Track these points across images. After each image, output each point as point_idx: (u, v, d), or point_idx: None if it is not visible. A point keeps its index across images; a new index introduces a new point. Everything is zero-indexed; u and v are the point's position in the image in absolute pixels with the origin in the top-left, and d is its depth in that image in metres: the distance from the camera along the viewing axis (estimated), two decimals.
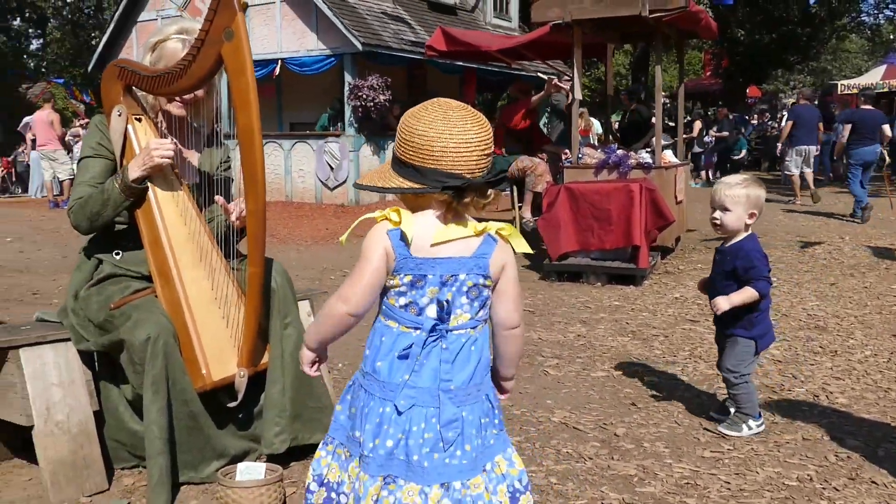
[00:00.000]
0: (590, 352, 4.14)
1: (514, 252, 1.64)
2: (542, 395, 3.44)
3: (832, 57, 35.24)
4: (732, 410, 3.00)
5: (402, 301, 1.60)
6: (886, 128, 9.72)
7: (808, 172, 11.52)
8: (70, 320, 2.56)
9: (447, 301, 1.58)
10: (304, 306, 3.09)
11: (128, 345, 2.41)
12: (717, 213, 2.90)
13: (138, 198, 2.56)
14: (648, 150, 7.12)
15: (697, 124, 16.47)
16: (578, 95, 7.08)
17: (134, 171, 2.50)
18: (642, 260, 5.95)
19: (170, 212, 2.59)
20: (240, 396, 2.54)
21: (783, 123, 12.24)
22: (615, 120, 17.66)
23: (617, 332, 4.54)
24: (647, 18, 6.37)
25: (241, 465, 2.38)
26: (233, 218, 2.61)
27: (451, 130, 1.55)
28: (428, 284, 1.58)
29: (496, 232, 1.62)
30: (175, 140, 2.68)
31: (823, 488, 2.49)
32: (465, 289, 1.59)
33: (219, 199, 2.63)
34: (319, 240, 9.39)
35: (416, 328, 1.59)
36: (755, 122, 21.61)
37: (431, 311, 1.59)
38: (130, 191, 2.51)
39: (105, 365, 2.60)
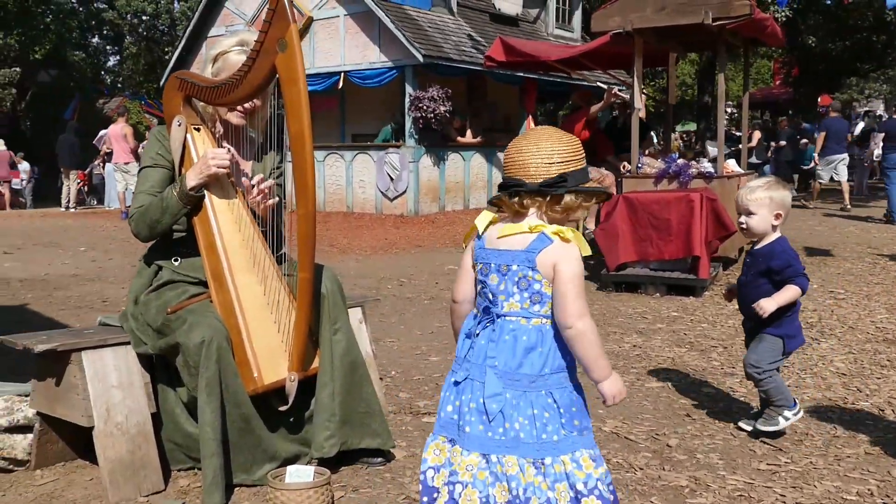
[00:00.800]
0: (645, 362, 4.07)
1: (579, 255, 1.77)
2: (595, 404, 3.34)
3: None
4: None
5: (479, 287, 1.88)
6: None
7: (843, 182, 12.45)
8: (130, 324, 2.65)
9: (497, 287, 1.81)
10: (355, 313, 3.13)
11: (183, 348, 2.48)
12: (743, 218, 2.95)
13: (195, 205, 2.64)
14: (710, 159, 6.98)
15: (756, 134, 16.10)
16: (639, 105, 7.00)
17: (191, 179, 2.59)
18: (702, 270, 5.83)
19: (225, 218, 2.66)
20: (290, 400, 2.59)
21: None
22: (681, 130, 17.31)
23: (674, 343, 4.45)
24: (711, 26, 6.26)
25: (290, 468, 2.42)
26: (253, 193, 2.66)
27: (519, 143, 1.83)
28: (491, 272, 1.82)
29: (553, 233, 1.77)
30: (231, 148, 2.76)
31: (884, 503, 2.39)
32: (515, 279, 1.78)
33: (244, 180, 2.69)
34: (378, 250, 9.50)
35: (479, 309, 1.85)
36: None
37: (490, 296, 1.83)
38: (188, 198, 2.60)
39: (162, 368, 2.69)
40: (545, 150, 1.79)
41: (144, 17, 27.20)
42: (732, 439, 2.96)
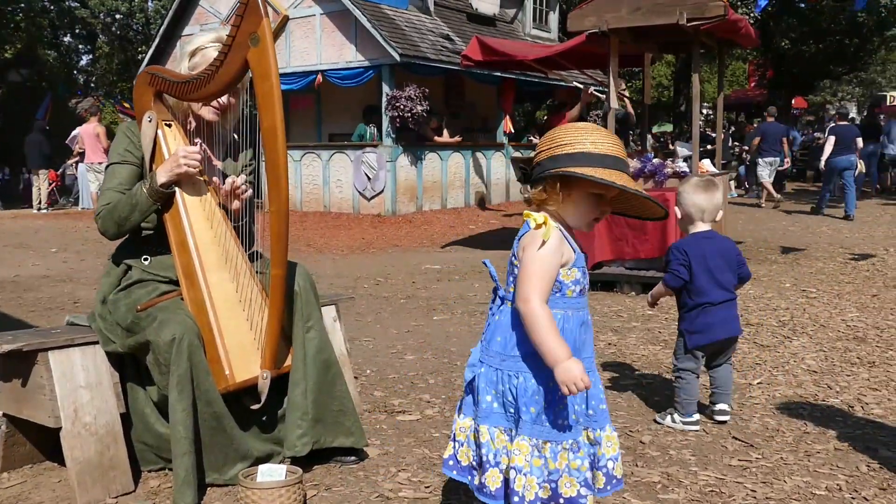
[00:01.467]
0: (620, 360, 4.08)
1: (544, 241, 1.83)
2: None
3: (881, 68, 34.39)
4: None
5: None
6: (859, 140, 11.87)
7: (765, 181, 13.46)
8: (98, 324, 2.61)
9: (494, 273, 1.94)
10: (329, 311, 3.11)
11: (153, 345, 2.45)
12: (677, 209, 3.15)
13: (165, 202, 2.61)
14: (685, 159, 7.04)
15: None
16: (614, 104, 7.04)
17: (162, 176, 2.55)
18: None
19: (196, 215, 2.63)
20: (263, 398, 2.56)
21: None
22: (657, 131, 17.51)
23: (649, 342, 4.48)
24: (685, 27, 6.30)
25: (262, 467, 2.39)
26: (225, 187, 2.64)
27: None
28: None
29: (532, 218, 1.85)
30: (203, 144, 2.73)
31: (853, 498, 2.41)
32: (511, 264, 1.93)
33: (216, 180, 2.66)
34: (356, 249, 9.46)
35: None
36: (798, 134, 21.16)
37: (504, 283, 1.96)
38: (158, 195, 2.56)
39: (132, 368, 2.65)
40: (543, 141, 1.89)
41: (118, 16, 26.89)
42: (704, 436, 2.98)
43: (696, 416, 3.04)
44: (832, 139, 12.05)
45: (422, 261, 8.18)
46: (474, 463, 1.94)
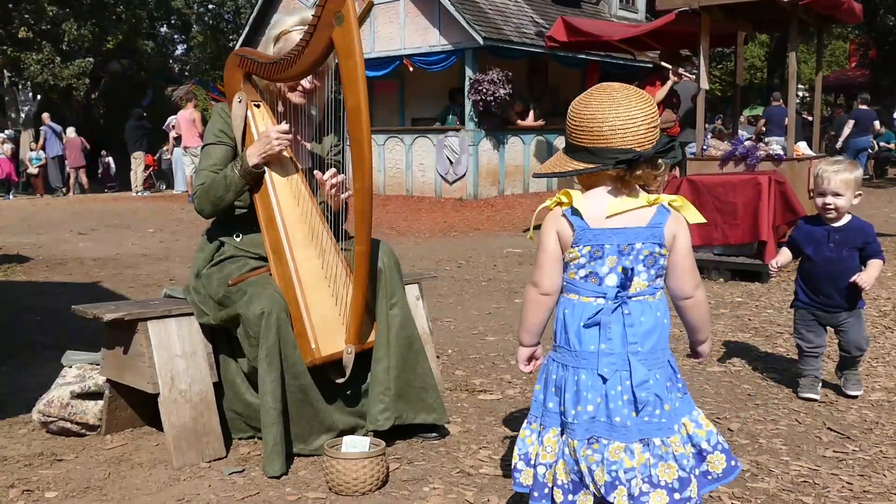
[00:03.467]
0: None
1: (688, 223, 1.75)
2: None
3: None
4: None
5: (582, 273, 1.76)
6: (877, 123, 13.11)
7: None
8: (192, 297, 2.72)
9: (630, 269, 1.72)
10: (412, 290, 3.14)
11: (243, 318, 2.53)
12: (830, 199, 3.02)
13: (256, 181, 2.68)
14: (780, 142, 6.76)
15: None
16: (705, 85, 6.80)
17: (253, 157, 2.63)
18: (769, 256, 5.64)
19: (284, 193, 2.70)
20: (347, 372, 2.62)
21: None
22: (748, 115, 16.93)
23: (738, 329, 4.34)
24: (782, 2, 6.03)
25: (346, 439, 2.45)
26: (326, 187, 2.68)
27: (618, 109, 1.69)
28: (606, 254, 1.72)
29: (669, 203, 1.74)
30: (291, 126, 2.79)
31: None
32: (641, 257, 1.72)
33: (317, 174, 2.71)
34: (437, 233, 9.52)
35: (599, 297, 1.74)
36: None
37: (611, 280, 1.73)
38: (250, 175, 2.64)
39: (224, 339, 2.75)
40: (644, 111, 1.69)
41: (210, 6, 27.77)
42: (797, 425, 2.87)
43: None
44: (851, 122, 13.32)
45: (503, 244, 8.16)
46: (666, 484, 1.72)
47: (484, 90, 12.11)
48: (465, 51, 12.59)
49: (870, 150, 14.82)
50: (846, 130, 14.12)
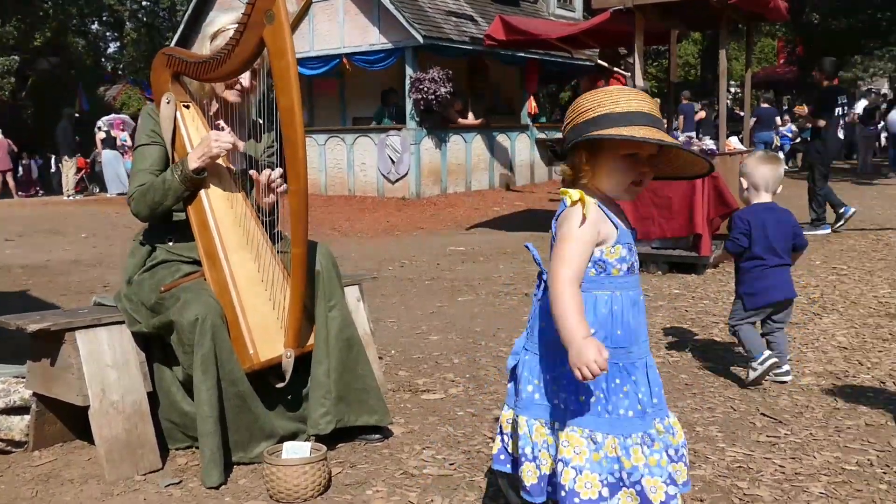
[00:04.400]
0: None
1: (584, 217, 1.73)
2: None
3: None
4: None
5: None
6: (778, 119, 14.46)
7: None
8: (123, 304, 2.64)
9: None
10: (352, 291, 3.11)
11: (177, 325, 2.47)
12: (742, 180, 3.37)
13: (196, 187, 2.62)
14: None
15: (702, 113, 16.35)
16: (640, 83, 6.93)
17: (194, 161, 2.56)
18: (704, 248, 5.79)
19: (217, 196, 2.64)
20: (287, 377, 2.57)
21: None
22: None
23: (675, 320, 4.43)
24: (712, 2, 6.18)
25: (287, 444, 2.41)
26: (262, 182, 2.63)
27: None
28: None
29: (568, 196, 1.75)
30: (227, 128, 2.73)
31: (884, 473, 2.37)
32: (552, 247, 1.80)
33: (253, 173, 2.66)
34: (380, 232, 9.48)
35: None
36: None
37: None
38: (190, 181, 2.57)
39: (158, 347, 2.67)
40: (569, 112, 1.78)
41: (144, 3, 27.09)
42: (732, 412, 2.94)
43: (767, 352, 3.19)
44: (753, 119, 14.39)
45: (446, 243, 8.17)
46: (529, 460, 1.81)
47: (425, 89, 12.10)
48: (405, 49, 12.56)
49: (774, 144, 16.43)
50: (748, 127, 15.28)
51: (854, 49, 24.83)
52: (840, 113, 7.72)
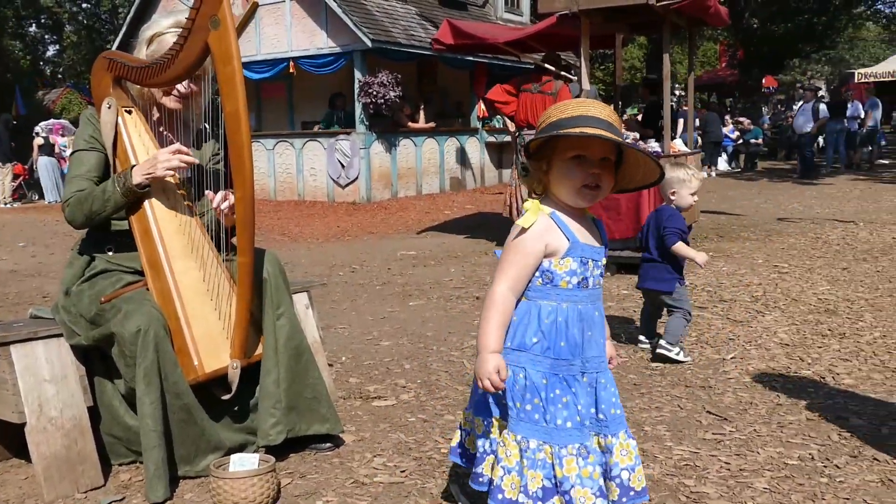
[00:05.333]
0: None
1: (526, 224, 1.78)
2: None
3: (849, 46, 34.75)
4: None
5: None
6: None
7: None
8: (61, 316, 2.55)
9: None
10: (301, 298, 3.07)
11: (118, 337, 2.40)
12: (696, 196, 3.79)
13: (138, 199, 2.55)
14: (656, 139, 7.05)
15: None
16: (587, 86, 7.02)
17: (138, 177, 2.49)
18: None
19: (161, 204, 2.58)
20: (234, 388, 2.53)
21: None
22: (630, 113, 17.68)
23: (624, 321, 4.49)
24: (655, 7, 6.30)
25: (234, 457, 2.36)
26: (214, 204, 2.59)
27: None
28: None
29: (525, 207, 1.83)
30: (168, 134, 2.68)
31: (825, 466, 2.43)
32: None
33: (209, 193, 2.62)
34: (331, 237, 9.40)
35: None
36: (767, 112, 21.41)
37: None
38: (132, 194, 2.51)
39: (98, 360, 2.59)
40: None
41: (85, 5, 26.42)
42: (680, 411, 2.99)
43: (641, 336, 3.93)
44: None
45: (397, 247, 8.14)
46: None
47: (374, 93, 12.05)
48: (353, 53, 12.48)
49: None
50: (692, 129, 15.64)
51: (792, 53, 25.63)
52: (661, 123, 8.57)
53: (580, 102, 1.77)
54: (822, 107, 14.75)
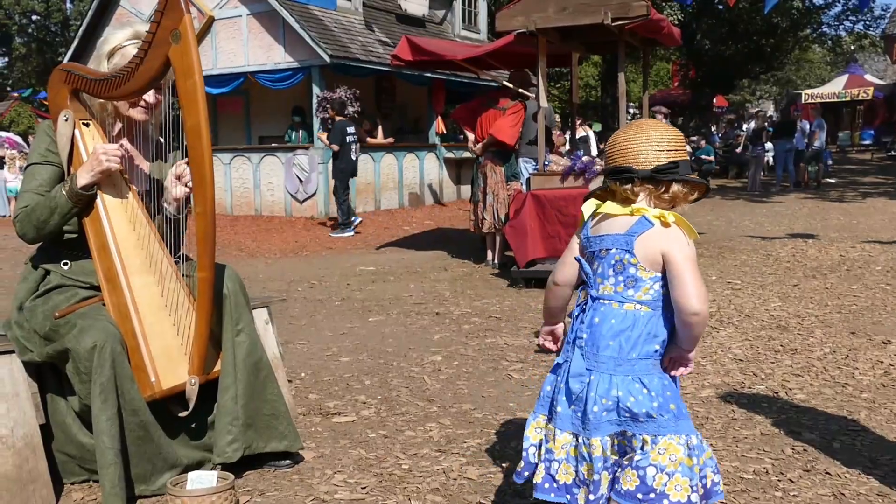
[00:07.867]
0: (555, 357, 4.12)
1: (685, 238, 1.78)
2: (506, 398, 3.42)
3: (796, 67, 35.87)
4: None
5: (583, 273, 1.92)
6: None
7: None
8: (14, 332, 2.49)
9: (592, 271, 1.86)
10: (261, 314, 3.04)
11: (73, 353, 2.35)
12: None
13: (86, 204, 2.51)
14: None
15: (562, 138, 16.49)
16: (544, 103, 7.12)
17: (82, 177, 2.45)
18: None
19: (118, 217, 2.54)
20: (191, 405, 2.49)
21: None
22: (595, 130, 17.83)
23: None
24: (610, 26, 6.42)
25: (191, 474, 2.33)
26: (174, 174, 2.56)
27: (626, 133, 1.86)
28: (593, 258, 1.87)
29: (655, 216, 1.78)
30: (126, 144, 2.64)
31: (779, 480, 2.49)
32: (612, 261, 1.82)
33: (170, 175, 2.59)
34: (289, 253, 9.33)
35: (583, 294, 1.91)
36: (716, 131, 21.96)
37: (589, 279, 1.88)
38: (78, 197, 2.46)
39: (51, 377, 2.54)
40: (654, 138, 1.82)
41: (34, 17, 25.90)
42: None
43: None
44: None
45: (356, 262, 8.12)
46: (579, 479, 1.81)
47: (332, 108, 12.01)
48: (311, 68, 12.46)
49: None
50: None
51: (742, 73, 26.34)
52: (350, 141, 10.52)
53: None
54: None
